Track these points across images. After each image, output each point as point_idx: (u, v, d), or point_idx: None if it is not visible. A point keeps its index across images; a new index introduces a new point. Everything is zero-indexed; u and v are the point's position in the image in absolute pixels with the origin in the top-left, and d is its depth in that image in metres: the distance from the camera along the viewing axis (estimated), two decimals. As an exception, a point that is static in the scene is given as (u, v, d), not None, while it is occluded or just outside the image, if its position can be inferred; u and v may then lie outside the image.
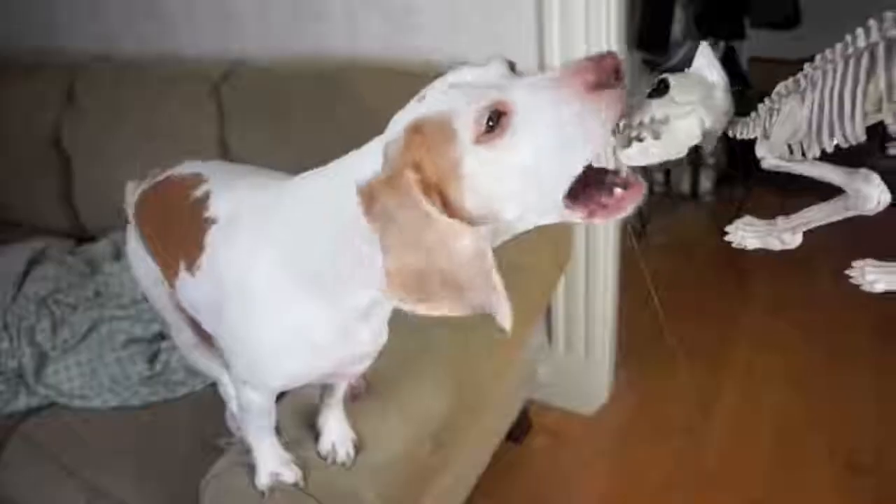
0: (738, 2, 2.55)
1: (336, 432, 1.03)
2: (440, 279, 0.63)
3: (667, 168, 3.03)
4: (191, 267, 0.91)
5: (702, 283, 2.49)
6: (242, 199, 0.88)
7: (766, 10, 2.58)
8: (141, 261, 1.12)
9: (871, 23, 0.61)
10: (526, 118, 0.61)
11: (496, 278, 0.63)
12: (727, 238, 0.76)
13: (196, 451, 1.25)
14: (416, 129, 0.65)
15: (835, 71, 0.64)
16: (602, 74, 0.59)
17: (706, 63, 0.65)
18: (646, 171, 2.28)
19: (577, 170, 0.62)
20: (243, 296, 0.82)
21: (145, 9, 2.05)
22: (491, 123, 0.61)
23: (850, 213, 0.69)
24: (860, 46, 0.63)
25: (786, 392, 1.99)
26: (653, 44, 2.57)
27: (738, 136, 0.69)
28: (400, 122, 0.69)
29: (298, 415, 1.09)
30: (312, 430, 1.05)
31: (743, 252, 0.91)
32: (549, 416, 1.97)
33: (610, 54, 0.59)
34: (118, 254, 1.78)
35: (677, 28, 2.65)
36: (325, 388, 1.02)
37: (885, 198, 0.70)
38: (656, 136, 0.63)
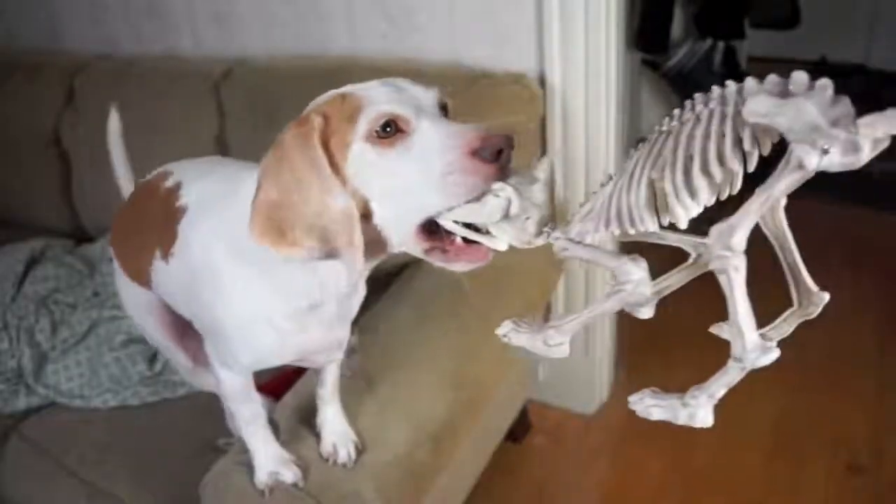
0: (738, 2, 2.55)
1: (336, 433, 1.03)
2: (306, 223, 0.68)
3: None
4: (165, 255, 0.95)
5: (702, 282, 2.49)
6: (210, 188, 0.93)
7: (766, 9, 2.58)
8: (129, 289, 1.13)
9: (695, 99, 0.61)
10: (415, 145, 0.67)
11: (358, 237, 0.68)
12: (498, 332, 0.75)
13: (196, 451, 1.25)
14: (341, 95, 0.71)
15: (638, 155, 0.64)
16: (487, 148, 0.64)
17: (537, 161, 0.68)
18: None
19: (431, 212, 0.67)
20: (211, 277, 0.87)
21: (145, 9, 2.05)
22: (388, 130, 0.68)
23: (626, 304, 0.70)
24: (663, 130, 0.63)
25: (785, 392, 1.99)
26: (653, 44, 2.57)
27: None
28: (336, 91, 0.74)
29: (301, 412, 1.09)
30: (315, 429, 1.05)
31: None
32: (549, 416, 1.97)
33: (506, 136, 0.65)
34: (118, 254, 1.78)
35: (677, 28, 2.65)
36: (318, 380, 1.03)
37: (645, 290, 0.72)
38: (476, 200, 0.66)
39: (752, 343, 0.63)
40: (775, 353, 0.66)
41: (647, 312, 0.73)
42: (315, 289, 0.82)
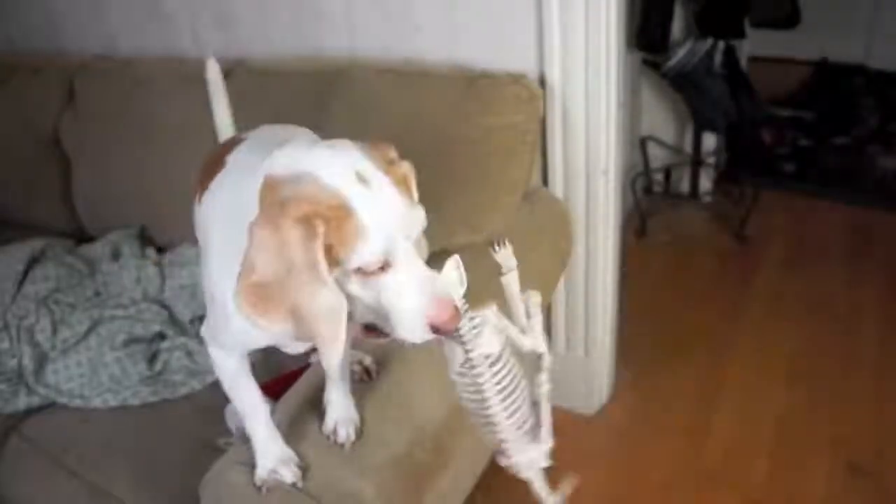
0: (738, 1, 2.55)
1: (339, 412, 1.03)
2: (292, 309, 0.73)
3: (667, 168, 3.02)
4: (200, 198, 0.97)
5: (703, 283, 2.49)
6: (250, 156, 0.90)
7: (766, 9, 2.58)
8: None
9: None
10: (389, 287, 0.74)
11: (342, 332, 0.74)
12: None
13: (196, 451, 1.25)
14: (345, 210, 0.71)
15: None
16: (438, 323, 0.75)
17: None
18: (646, 170, 2.28)
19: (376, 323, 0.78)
20: (205, 242, 0.92)
21: (146, 9, 2.05)
22: (380, 267, 0.73)
23: None
24: None
25: (787, 391, 1.99)
26: (653, 43, 2.57)
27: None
28: (337, 174, 0.73)
29: (307, 405, 1.09)
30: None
31: (744, 252, 0.91)
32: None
33: (455, 315, 0.75)
34: (117, 254, 1.78)
35: (677, 28, 2.65)
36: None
37: None
38: None
39: None
40: None
41: None
42: None
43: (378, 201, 0.72)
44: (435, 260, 0.85)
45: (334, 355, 0.74)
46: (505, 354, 0.83)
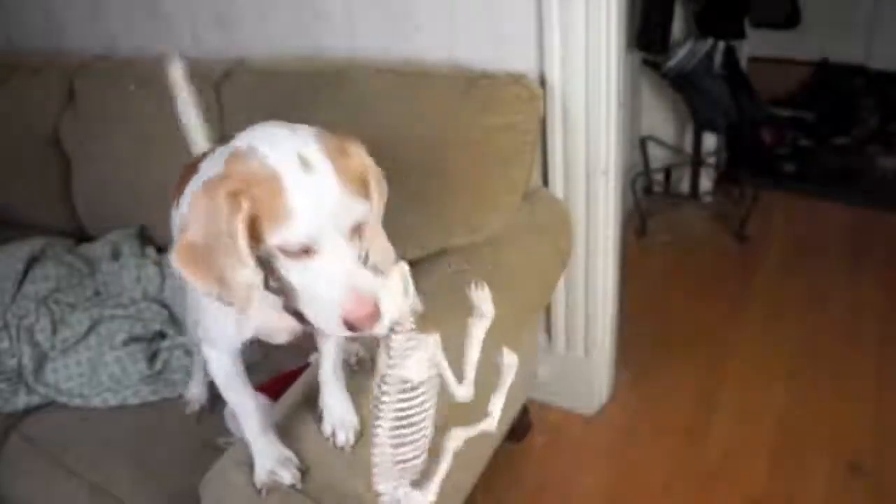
0: (739, 1, 2.55)
1: (336, 415, 1.03)
2: (216, 274, 0.76)
3: (667, 168, 3.03)
4: (177, 203, 1.02)
5: (703, 283, 2.49)
6: (221, 155, 0.90)
7: (766, 9, 2.58)
8: None
9: None
10: (312, 271, 0.76)
11: (254, 306, 0.79)
12: None
13: (196, 450, 1.25)
14: (276, 187, 0.74)
15: None
16: (352, 319, 0.74)
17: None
18: (647, 170, 2.28)
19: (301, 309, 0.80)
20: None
21: (146, 9, 2.05)
22: (304, 250, 0.75)
23: None
24: None
25: (787, 391, 1.99)
26: (653, 43, 2.57)
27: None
28: (281, 155, 0.76)
29: (307, 405, 1.09)
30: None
31: (744, 252, 0.92)
32: (550, 416, 1.97)
33: (374, 313, 0.75)
34: (117, 253, 1.78)
35: (678, 28, 2.65)
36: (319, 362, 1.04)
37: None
38: None
39: None
40: None
41: None
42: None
43: (312, 187, 0.74)
44: (431, 260, 0.85)
45: (248, 320, 0.83)
46: (423, 387, 0.80)
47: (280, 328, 0.95)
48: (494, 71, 1.53)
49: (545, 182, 1.70)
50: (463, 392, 0.82)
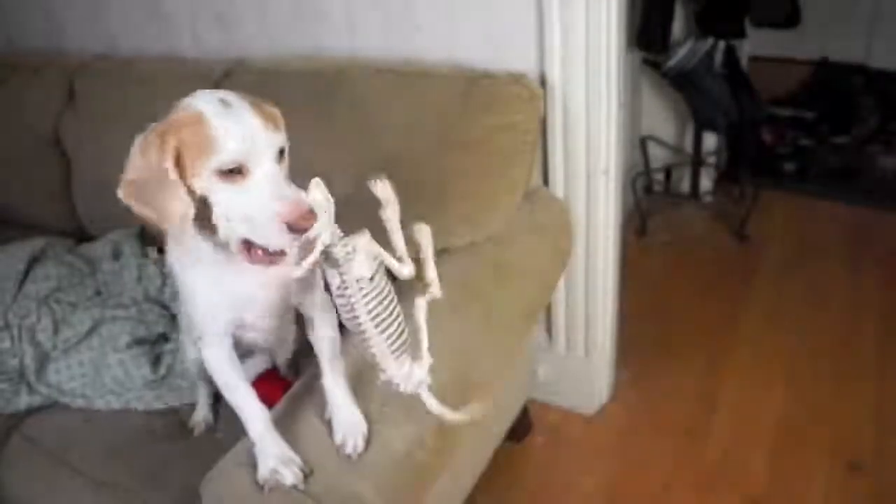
0: (739, 1, 2.55)
1: (345, 421, 1.03)
2: (152, 205, 0.87)
3: (667, 168, 3.03)
4: None
5: (703, 282, 2.49)
6: None
7: (766, 9, 2.58)
8: None
9: None
10: (249, 189, 0.85)
11: (188, 236, 0.91)
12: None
13: (199, 450, 1.26)
14: (199, 121, 0.85)
15: None
16: (295, 226, 0.83)
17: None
18: (647, 170, 2.29)
19: (247, 236, 0.87)
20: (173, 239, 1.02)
21: (146, 9, 2.05)
22: (232, 171, 0.85)
23: None
24: None
25: (787, 391, 1.99)
26: (653, 43, 2.57)
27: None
28: (203, 100, 0.89)
29: (308, 396, 1.10)
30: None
31: (744, 252, 0.92)
32: (550, 416, 1.97)
33: (310, 212, 0.84)
34: (117, 253, 1.78)
35: (678, 27, 2.65)
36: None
37: None
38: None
39: None
40: None
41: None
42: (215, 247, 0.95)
43: (233, 117, 0.85)
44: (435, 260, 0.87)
45: (185, 249, 0.93)
46: (377, 278, 0.90)
47: (261, 300, 1.03)
48: (495, 71, 1.53)
49: (545, 182, 1.70)
50: (406, 270, 0.93)
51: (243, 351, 1.15)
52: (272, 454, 0.99)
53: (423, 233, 0.94)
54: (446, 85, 1.52)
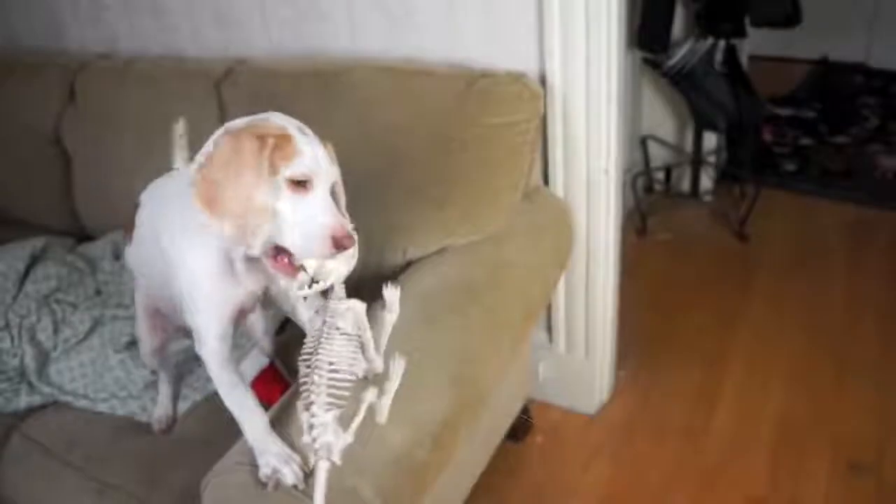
0: (739, 1, 2.55)
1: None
2: (231, 207, 0.93)
3: (667, 167, 3.03)
4: (130, 238, 1.26)
5: (703, 282, 2.49)
6: (159, 183, 1.27)
7: (767, 9, 2.58)
8: None
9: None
10: (308, 202, 0.96)
11: (265, 228, 0.95)
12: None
13: (201, 448, 1.25)
14: (286, 136, 0.96)
15: None
16: (339, 241, 0.94)
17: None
18: (647, 169, 2.29)
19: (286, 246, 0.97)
20: (174, 243, 1.10)
21: (146, 8, 2.05)
22: (300, 183, 0.95)
23: None
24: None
25: (787, 391, 1.99)
26: (654, 42, 2.57)
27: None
28: (284, 121, 1.01)
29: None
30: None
31: (744, 251, 0.92)
32: (550, 416, 1.97)
33: (351, 237, 0.96)
34: (118, 253, 1.78)
35: (678, 27, 2.65)
36: None
37: None
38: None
39: None
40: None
41: None
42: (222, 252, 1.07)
43: (311, 142, 0.98)
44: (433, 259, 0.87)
45: (254, 247, 0.96)
46: (354, 340, 1.00)
47: (246, 295, 1.12)
48: (495, 70, 1.53)
49: (546, 181, 1.71)
50: (375, 364, 1.02)
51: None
52: (273, 453, 0.99)
53: (399, 363, 1.04)
54: (446, 84, 1.52)
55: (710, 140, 2.92)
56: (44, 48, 2.27)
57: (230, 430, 1.19)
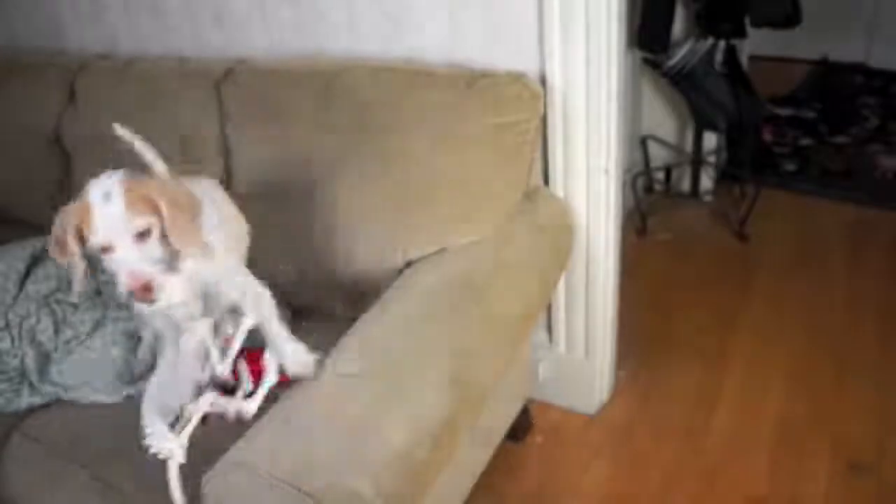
0: (739, 1, 2.55)
1: (296, 357, 1.24)
2: (67, 256, 1.14)
3: (667, 167, 3.03)
4: None
5: (703, 282, 2.49)
6: None
7: (767, 9, 2.58)
8: None
9: None
10: (113, 262, 1.12)
11: (81, 272, 1.16)
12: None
13: (203, 447, 1.25)
14: (85, 210, 1.11)
15: None
16: (132, 291, 1.10)
17: None
18: (647, 169, 2.30)
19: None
20: None
21: (146, 8, 2.05)
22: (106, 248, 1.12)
23: None
24: None
25: (787, 390, 1.99)
26: (654, 43, 2.57)
27: None
28: (98, 189, 1.12)
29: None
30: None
31: (744, 251, 0.92)
32: (550, 415, 1.97)
33: (140, 291, 1.11)
34: (119, 253, 1.78)
35: (678, 27, 2.65)
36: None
37: None
38: None
39: None
40: None
41: None
42: None
43: (106, 211, 1.09)
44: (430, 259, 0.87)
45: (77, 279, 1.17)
46: (190, 356, 1.16)
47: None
48: (495, 70, 1.53)
49: (546, 181, 1.71)
50: (221, 368, 1.16)
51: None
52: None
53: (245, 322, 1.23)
54: (446, 84, 1.52)
55: (710, 140, 2.92)
56: (44, 48, 2.27)
57: (231, 430, 1.20)
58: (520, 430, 1.87)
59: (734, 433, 1.87)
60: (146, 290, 1.10)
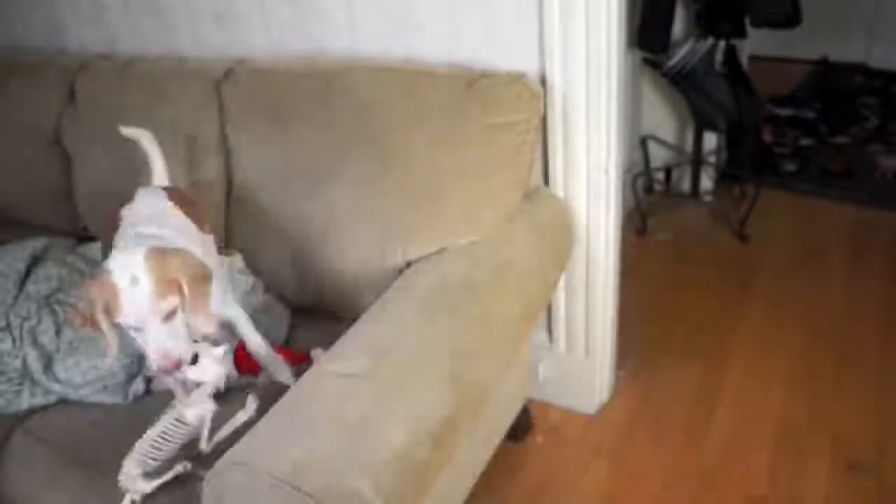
0: (740, 1, 2.55)
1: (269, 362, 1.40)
2: (100, 330, 1.18)
3: (667, 167, 3.03)
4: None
5: (703, 282, 2.49)
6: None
7: (767, 9, 2.58)
8: None
9: None
10: (141, 338, 1.17)
11: (115, 344, 1.20)
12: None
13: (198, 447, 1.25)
14: (113, 292, 1.14)
15: None
16: (159, 368, 1.17)
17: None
18: (647, 169, 2.30)
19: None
20: None
21: (146, 8, 2.05)
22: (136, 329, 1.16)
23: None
24: None
25: (787, 391, 1.99)
26: (654, 43, 2.57)
27: None
28: (124, 270, 1.14)
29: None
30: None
31: (744, 251, 0.92)
32: (550, 415, 1.97)
33: (165, 369, 1.17)
34: (119, 253, 1.77)
35: (678, 27, 2.65)
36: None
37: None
38: None
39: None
40: None
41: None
42: None
43: (134, 295, 1.12)
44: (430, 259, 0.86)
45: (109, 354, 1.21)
46: (188, 427, 1.25)
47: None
48: (495, 70, 1.53)
49: (546, 181, 1.71)
50: (204, 446, 1.25)
51: None
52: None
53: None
54: (446, 85, 1.52)
55: (710, 140, 2.92)
56: (44, 48, 2.27)
57: (232, 431, 1.20)
58: (520, 430, 1.87)
59: (734, 433, 1.87)
60: (173, 367, 1.15)
